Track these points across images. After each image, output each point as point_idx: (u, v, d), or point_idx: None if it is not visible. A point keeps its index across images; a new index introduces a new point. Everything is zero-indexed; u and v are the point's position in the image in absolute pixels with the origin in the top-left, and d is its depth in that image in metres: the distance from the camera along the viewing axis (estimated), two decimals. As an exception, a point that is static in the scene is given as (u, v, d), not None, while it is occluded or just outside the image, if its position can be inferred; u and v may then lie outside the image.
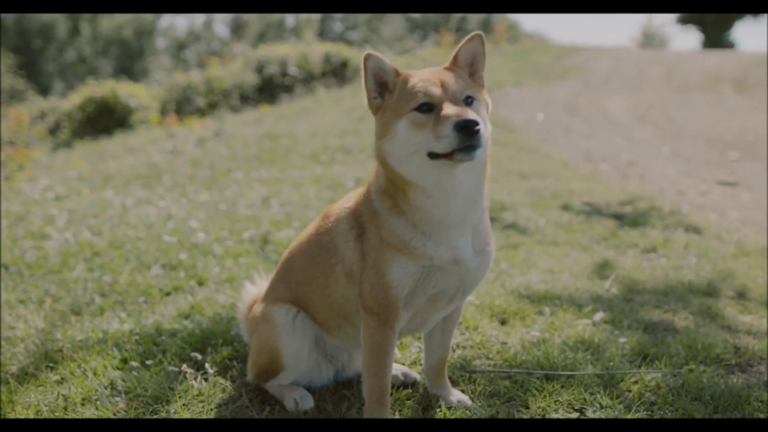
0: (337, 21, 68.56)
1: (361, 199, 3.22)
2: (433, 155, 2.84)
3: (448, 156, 2.80)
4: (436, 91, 2.88)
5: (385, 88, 3.02)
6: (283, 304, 3.51)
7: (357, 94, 18.77)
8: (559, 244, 6.66)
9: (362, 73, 3.02)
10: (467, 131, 2.72)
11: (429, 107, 2.85)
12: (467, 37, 3.09)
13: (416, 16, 68.67)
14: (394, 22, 66.17)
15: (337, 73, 22.45)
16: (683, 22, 53.68)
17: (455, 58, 3.07)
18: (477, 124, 2.73)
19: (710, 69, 23.25)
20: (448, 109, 2.80)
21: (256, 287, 4.03)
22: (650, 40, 60.78)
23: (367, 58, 3.00)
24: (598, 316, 4.71)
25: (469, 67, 3.08)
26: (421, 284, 3.06)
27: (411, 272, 3.03)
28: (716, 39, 49.52)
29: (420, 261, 3.02)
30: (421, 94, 2.87)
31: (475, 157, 2.80)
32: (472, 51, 3.07)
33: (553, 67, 23.88)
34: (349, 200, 3.34)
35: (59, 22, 54.64)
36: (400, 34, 64.58)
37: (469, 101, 2.92)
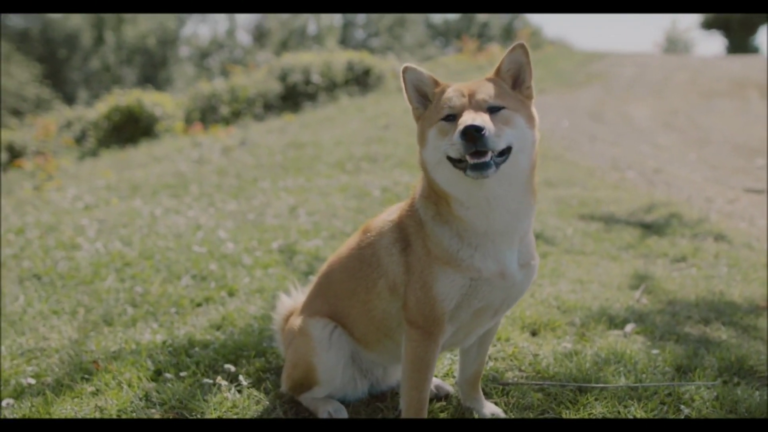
0: (359, 28, 68.72)
1: (406, 211, 3.23)
2: (454, 164, 2.87)
3: (464, 170, 2.83)
4: (459, 101, 2.92)
5: (426, 98, 3.07)
6: (320, 318, 3.52)
7: (380, 102, 18.80)
8: (587, 254, 6.64)
9: (402, 85, 3.04)
10: (469, 137, 2.73)
11: (453, 117, 2.89)
12: (510, 47, 3.08)
13: (438, 22, 68.73)
14: (416, 29, 66.22)
15: (360, 80, 22.50)
16: (707, 26, 53.27)
17: (498, 68, 3.08)
18: (480, 129, 2.72)
19: (735, 74, 23.09)
20: (463, 117, 2.83)
21: (291, 299, 4.04)
22: (674, 46, 60.40)
23: (405, 70, 3.03)
24: (630, 327, 4.69)
25: (514, 78, 3.07)
26: (468, 298, 3.06)
27: (458, 285, 3.03)
28: (741, 44, 49.10)
29: (468, 273, 3.01)
30: (447, 104, 2.93)
31: (487, 175, 2.79)
32: (515, 61, 3.06)
33: (577, 74, 23.79)
34: (391, 213, 3.35)
35: (84, 30, 55.14)
36: (422, 41, 64.63)
37: (494, 110, 2.90)
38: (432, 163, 2.97)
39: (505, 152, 2.85)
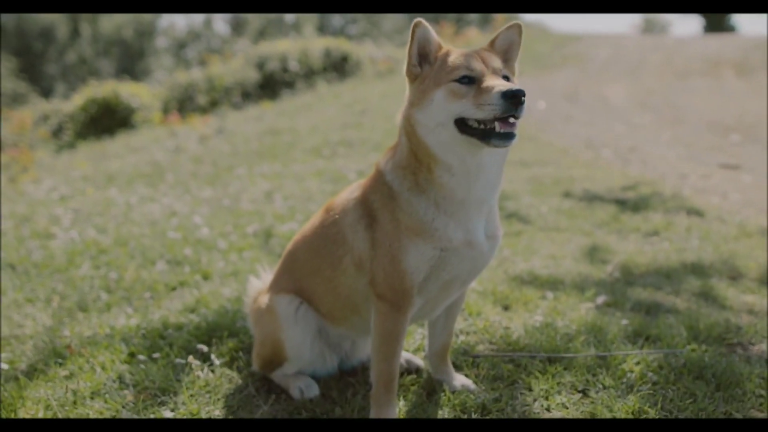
0: (337, 15, 68.49)
1: (370, 186, 3.23)
2: (464, 128, 2.87)
3: (483, 137, 2.83)
4: (479, 65, 2.93)
5: (425, 59, 3.05)
6: (285, 294, 3.54)
7: (357, 88, 18.80)
8: (561, 230, 6.69)
9: (409, 40, 3.03)
10: (515, 100, 2.75)
11: (470, 80, 2.89)
12: (506, 25, 3.15)
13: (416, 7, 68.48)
14: (394, 15, 66.05)
15: (338, 67, 22.47)
16: (683, 7, 53.45)
17: (493, 42, 3.13)
18: (524, 94, 2.76)
19: (710, 53, 23.21)
20: (493, 81, 2.85)
21: (260, 281, 4.06)
22: (651, 26, 60.58)
23: (417, 25, 3.00)
24: (601, 299, 4.74)
25: (503, 55, 3.12)
26: (436, 269, 3.09)
27: (428, 257, 3.05)
28: (717, 23, 49.37)
29: (439, 243, 3.04)
30: (464, 66, 2.92)
31: (509, 145, 2.84)
32: (509, 39, 3.13)
33: (553, 56, 23.85)
34: (353, 191, 3.35)
35: (59, 24, 54.69)
36: (400, 26, 64.46)
37: (506, 79, 2.98)
38: (430, 124, 2.95)
39: None
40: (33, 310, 5.09)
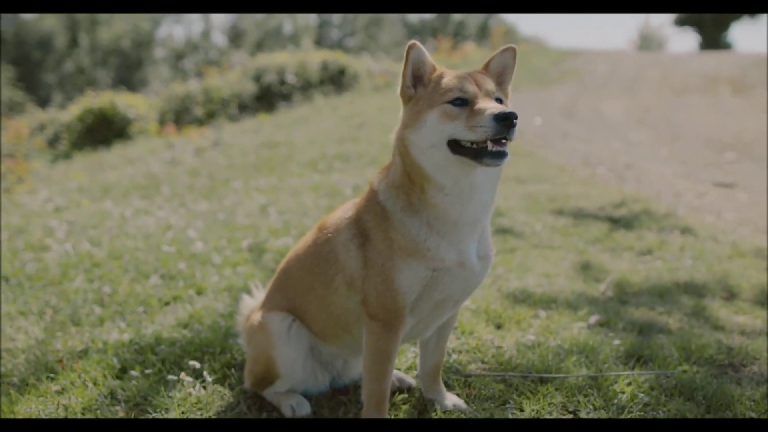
0: (335, 28, 68.68)
1: (363, 205, 3.25)
2: (457, 149, 2.90)
3: (475, 156, 2.87)
4: (471, 87, 2.96)
5: (419, 81, 3.08)
6: (278, 312, 3.54)
7: (355, 102, 18.83)
8: (555, 248, 6.70)
9: (403, 61, 3.06)
10: (507, 123, 2.79)
11: (463, 101, 2.93)
12: (501, 48, 3.20)
13: (414, 21, 68.76)
14: (392, 28, 66.28)
15: (335, 80, 22.51)
16: (680, 23, 53.70)
17: (487, 65, 3.17)
18: (516, 117, 2.80)
19: (707, 70, 23.27)
20: (485, 103, 2.89)
21: (253, 299, 4.06)
22: (648, 43, 60.82)
23: (411, 47, 3.04)
24: (593, 318, 4.75)
25: (498, 77, 3.16)
26: (429, 289, 3.10)
27: (420, 277, 3.07)
28: (713, 40, 49.59)
29: (431, 264, 3.05)
30: (457, 88, 2.95)
31: (501, 164, 2.87)
32: (503, 62, 3.17)
33: (550, 71, 23.91)
34: (347, 210, 3.37)
35: (58, 33, 54.82)
36: (398, 39, 64.64)
37: (499, 101, 3.02)
38: (423, 145, 2.97)
39: None
40: (26, 323, 5.08)
